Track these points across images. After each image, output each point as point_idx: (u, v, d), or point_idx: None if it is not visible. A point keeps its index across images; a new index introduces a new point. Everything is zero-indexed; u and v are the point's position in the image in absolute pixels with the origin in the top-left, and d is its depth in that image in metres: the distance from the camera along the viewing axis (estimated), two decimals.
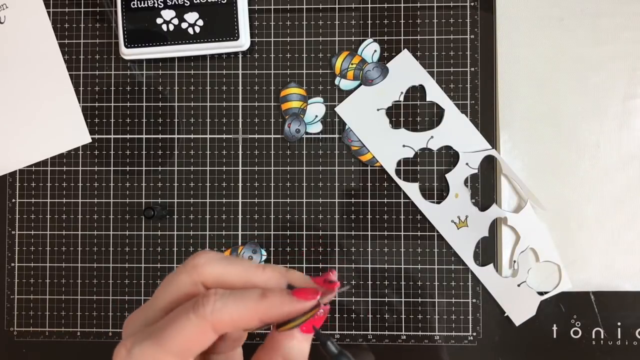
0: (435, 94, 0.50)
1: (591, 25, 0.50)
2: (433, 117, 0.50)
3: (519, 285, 0.49)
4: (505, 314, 0.49)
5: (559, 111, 0.50)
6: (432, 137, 0.50)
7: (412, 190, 0.50)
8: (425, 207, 0.49)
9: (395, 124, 0.50)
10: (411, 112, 0.50)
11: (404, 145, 0.50)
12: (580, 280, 0.49)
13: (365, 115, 0.50)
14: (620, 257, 0.49)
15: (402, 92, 0.50)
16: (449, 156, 0.50)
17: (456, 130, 0.50)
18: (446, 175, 0.50)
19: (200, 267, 0.26)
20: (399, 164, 0.50)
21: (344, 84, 0.50)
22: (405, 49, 0.50)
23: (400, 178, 0.50)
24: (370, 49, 0.50)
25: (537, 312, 0.49)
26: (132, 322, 0.26)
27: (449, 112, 0.50)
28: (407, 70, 0.50)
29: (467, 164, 0.49)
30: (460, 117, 0.50)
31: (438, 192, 0.50)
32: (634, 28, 0.49)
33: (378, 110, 0.49)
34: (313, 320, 0.26)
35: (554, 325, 0.49)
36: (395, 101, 0.50)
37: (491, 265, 0.49)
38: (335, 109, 0.50)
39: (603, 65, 0.49)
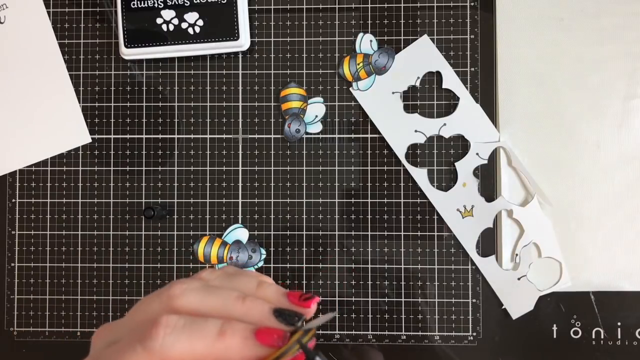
0: (451, 81, 0.50)
1: (591, 25, 0.50)
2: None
3: (519, 279, 0.49)
4: (503, 307, 0.49)
5: (559, 111, 0.50)
6: (444, 124, 0.50)
7: (420, 176, 0.50)
8: (432, 194, 0.50)
9: (408, 109, 0.50)
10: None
11: (415, 131, 0.50)
12: (580, 280, 0.49)
13: (380, 98, 0.50)
14: (620, 257, 0.49)
15: (418, 77, 0.50)
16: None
17: (469, 119, 0.50)
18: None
19: (176, 298, 0.24)
20: (409, 148, 0.50)
21: (362, 84, 0.50)
22: (425, 35, 0.50)
23: (409, 163, 0.50)
24: (366, 42, 0.50)
25: (537, 312, 0.49)
26: (100, 337, 0.25)
27: (464, 101, 0.50)
28: (425, 56, 0.50)
29: (477, 154, 0.49)
30: (475, 107, 0.50)
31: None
32: (634, 28, 0.49)
33: (393, 93, 0.50)
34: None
35: (554, 325, 0.49)
36: (411, 85, 0.50)
37: (493, 256, 0.49)
38: (350, 88, 0.50)
39: (603, 65, 0.50)
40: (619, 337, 0.49)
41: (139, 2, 0.49)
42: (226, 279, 0.26)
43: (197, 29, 0.49)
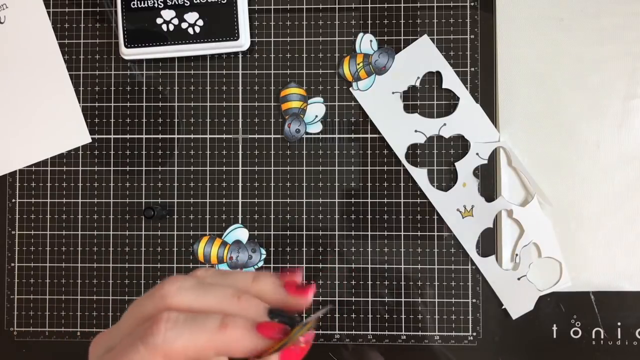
0: (451, 81, 0.50)
1: (591, 25, 0.50)
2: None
3: (519, 279, 0.49)
4: (503, 307, 0.49)
5: (559, 111, 0.50)
6: (444, 124, 0.50)
7: (420, 176, 0.50)
8: (432, 194, 0.50)
9: (408, 109, 0.50)
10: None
11: (415, 131, 0.50)
12: (580, 280, 0.49)
13: (380, 98, 0.50)
14: (620, 257, 0.49)
15: (418, 77, 0.50)
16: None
17: (469, 119, 0.50)
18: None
19: (169, 297, 0.24)
20: (409, 148, 0.50)
21: (362, 84, 0.50)
22: (425, 35, 0.50)
23: (409, 163, 0.50)
24: (366, 42, 0.50)
25: (537, 312, 0.49)
26: (97, 345, 0.25)
27: (464, 101, 0.50)
28: (425, 56, 0.50)
29: (477, 154, 0.49)
30: (475, 107, 0.50)
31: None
32: (634, 28, 0.49)
33: (393, 93, 0.50)
34: (293, 353, 0.24)
35: (554, 325, 0.49)
36: (411, 85, 0.50)
37: (493, 256, 0.49)
38: (350, 88, 0.50)
39: (603, 65, 0.49)
40: (619, 337, 0.49)
41: (139, 2, 0.49)
42: (221, 276, 0.26)
43: (197, 29, 0.49)
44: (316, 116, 0.51)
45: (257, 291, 0.25)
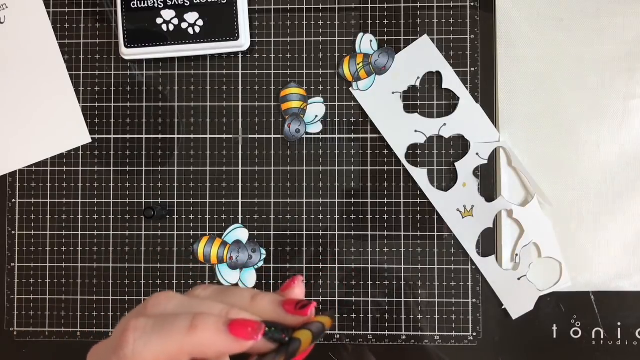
0: (451, 81, 0.50)
1: (591, 25, 0.50)
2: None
3: (519, 279, 0.49)
4: (503, 307, 0.49)
5: (559, 111, 0.50)
6: (444, 124, 0.50)
7: (420, 176, 0.50)
8: (432, 194, 0.50)
9: (408, 109, 0.50)
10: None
11: (415, 131, 0.50)
12: (580, 280, 0.49)
13: (380, 98, 0.50)
14: (620, 257, 0.49)
15: (418, 77, 0.50)
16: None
17: (469, 119, 0.50)
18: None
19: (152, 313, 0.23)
20: (409, 148, 0.50)
21: (362, 84, 0.50)
22: (425, 35, 0.50)
23: (409, 163, 0.50)
24: (366, 42, 0.50)
25: (537, 312, 0.49)
26: (92, 356, 0.25)
27: (464, 101, 0.50)
28: (424, 56, 0.50)
29: (477, 154, 0.49)
30: (475, 107, 0.50)
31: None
32: (634, 28, 0.49)
33: (393, 93, 0.50)
34: None
35: (554, 325, 0.49)
36: (411, 85, 0.50)
37: (493, 256, 0.49)
38: (350, 88, 0.50)
39: (603, 65, 0.50)
40: (619, 337, 0.49)
41: (139, 2, 0.49)
42: (220, 294, 0.26)
43: (197, 29, 0.49)
44: (316, 116, 0.51)
45: (256, 310, 0.25)
